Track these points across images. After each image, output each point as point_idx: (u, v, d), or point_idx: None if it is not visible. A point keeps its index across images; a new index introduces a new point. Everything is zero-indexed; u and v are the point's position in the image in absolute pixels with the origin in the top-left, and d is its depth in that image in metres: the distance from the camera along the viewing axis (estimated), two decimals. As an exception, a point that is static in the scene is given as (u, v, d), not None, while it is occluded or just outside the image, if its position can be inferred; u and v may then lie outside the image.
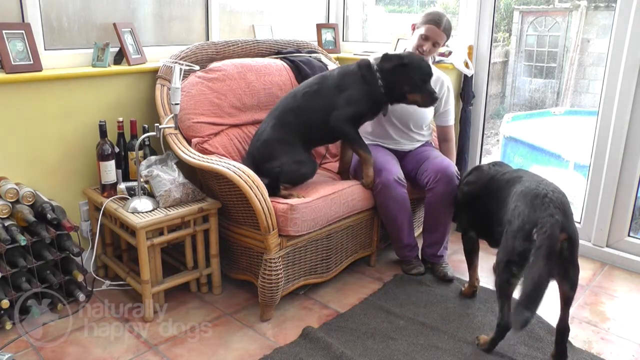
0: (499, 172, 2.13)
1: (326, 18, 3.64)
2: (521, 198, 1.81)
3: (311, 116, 2.32)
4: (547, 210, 1.70)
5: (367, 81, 2.31)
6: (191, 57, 2.53)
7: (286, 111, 2.35)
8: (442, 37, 2.45)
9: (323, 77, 2.41)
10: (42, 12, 2.30)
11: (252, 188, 2.05)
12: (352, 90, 2.30)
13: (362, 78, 2.32)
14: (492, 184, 2.10)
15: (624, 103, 2.55)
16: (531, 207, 1.74)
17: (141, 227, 2.04)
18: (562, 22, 5.10)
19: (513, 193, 1.89)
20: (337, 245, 2.41)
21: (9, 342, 1.97)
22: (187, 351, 1.97)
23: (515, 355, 1.94)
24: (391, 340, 2.02)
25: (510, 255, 1.77)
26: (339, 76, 2.36)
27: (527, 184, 1.87)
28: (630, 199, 2.66)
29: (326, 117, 2.30)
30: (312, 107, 2.32)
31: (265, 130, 2.34)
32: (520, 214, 1.76)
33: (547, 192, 1.77)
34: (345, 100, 2.29)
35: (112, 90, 2.46)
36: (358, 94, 2.30)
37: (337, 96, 2.31)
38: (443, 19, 2.43)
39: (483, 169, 2.25)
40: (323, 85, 2.36)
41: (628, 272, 2.65)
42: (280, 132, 2.30)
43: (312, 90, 2.35)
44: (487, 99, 3.12)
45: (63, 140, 2.34)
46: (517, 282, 1.79)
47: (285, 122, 2.32)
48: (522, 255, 1.72)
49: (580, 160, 4.57)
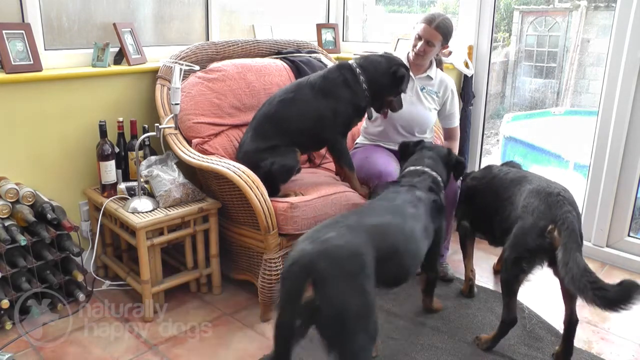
0: (502, 171, 2.15)
1: (326, 18, 3.64)
2: (533, 195, 1.82)
3: (290, 125, 2.27)
4: (564, 208, 1.73)
5: (350, 85, 2.27)
6: (191, 57, 2.53)
7: (262, 121, 2.31)
8: (435, 36, 2.41)
9: (299, 84, 2.36)
10: (42, 12, 2.30)
11: (252, 188, 2.05)
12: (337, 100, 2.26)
13: (344, 82, 2.27)
14: (494, 182, 2.12)
15: (624, 103, 2.55)
16: (546, 204, 1.76)
17: (141, 227, 2.04)
18: (562, 22, 5.11)
19: (521, 191, 1.89)
20: (337, 245, 2.40)
21: (9, 342, 1.97)
22: (187, 351, 1.97)
23: (515, 355, 1.94)
24: (391, 340, 2.02)
25: (521, 251, 1.77)
26: (320, 80, 2.30)
27: (536, 182, 1.89)
28: (630, 199, 2.66)
29: (307, 125, 2.26)
30: (290, 115, 2.28)
31: (245, 141, 2.32)
32: (535, 210, 1.77)
33: (559, 190, 1.80)
34: (330, 112, 2.25)
35: (112, 90, 2.46)
36: (344, 103, 2.26)
37: (319, 101, 2.26)
38: (437, 18, 2.41)
39: (492, 167, 2.27)
40: (300, 92, 2.30)
41: (628, 272, 2.65)
42: (259, 142, 2.26)
43: (289, 98, 2.30)
44: (487, 99, 3.12)
45: (63, 140, 2.34)
46: (524, 278, 1.80)
47: (261, 131, 2.28)
48: (534, 252, 1.74)
49: (580, 160, 4.57)
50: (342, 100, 2.26)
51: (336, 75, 2.29)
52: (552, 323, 2.13)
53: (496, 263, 2.62)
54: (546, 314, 2.15)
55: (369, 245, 1.48)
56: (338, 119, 2.27)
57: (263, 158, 2.21)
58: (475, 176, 2.30)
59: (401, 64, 2.31)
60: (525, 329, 2.09)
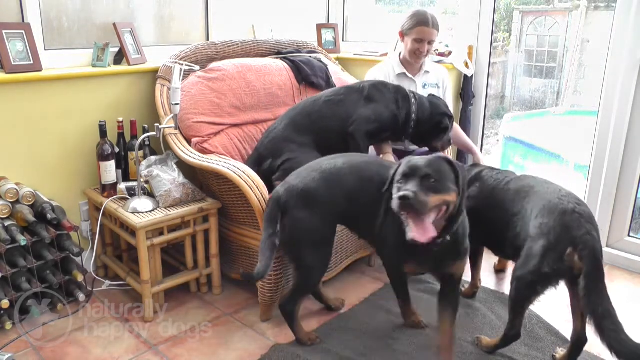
0: (499, 180, 2.02)
1: (326, 18, 3.64)
2: (547, 214, 1.69)
3: (329, 124, 2.29)
4: (583, 229, 1.62)
5: (400, 107, 2.30)
6: (191, 57, 2.53)
7: (303, 114, 2.32)
8: (434, 34, 2.46)
9: (350, 88, 2.39)
10: (42, 12, 2.31)
11: (252, 188, 2.05)
12: (382, 106, 2.28)
13: (395, 102, 2.31)
14: (496, 195, 1.98)
15: (624, 103, 2.55)
16: (562, 225, 1.64)
17: (141, 227, 2.04)
18: (562, 22, 5.10)
19: (532, 207, 1.77)
20: (337, 245, 2.40)
21: (9, 342, 1.97)
22: (187, 351, 1.97)
23: (515, 355, 1.94)
24: (391, 340, 2.02)
25: (537, 275, 1.66)
26: (370, 88, 2.32)
27: (547, 196, 1.75)
28: (630, 199, 2.66)
29: (345, 127, 2.28)
30: (332, 115, 2.29)
31: (277, 128, 2.32)
32: (551, 232, 1.65)
33: (574, 206, 1.67)
34: (372, 112, 2.27)
35: (112, 90, 2.46)
36: (387, 113, 2.28)
37: (363, 107, 2.28)
38: (429, 17, 2.43)
39: (484, 179, 2.09)
40: (349, 96, 2.33)
41: (628, 272, 2.65)
42: (291, 132, 2.28)
43: (337, 99, 2.32)
44: (487, 99, 3.12)
45: (63, 140, 2.34)
46: (536, 299, 1.73)
47: (299, 123, 2.29)
48: (550, 276, 1.65)
49: (580, 160, 4.56)
50: (385, 107, 2.29)
51: (392, 93, 2.33)
52: (552, 323, 2.13)
53: (497, 263, 2.62)
54: (546, 314, 2.15)
55: (323, 187, 1.85)
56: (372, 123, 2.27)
57: (290, 150, 2.22)
58: (471, 195, 2.04)
59: (447, 114, 2.37)
60: (526, 329, 2.08)
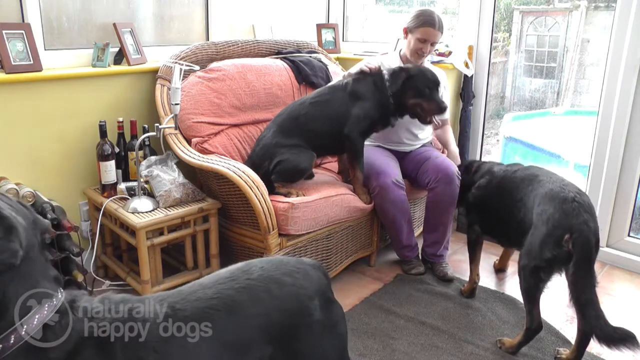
0: (508, 170, 2.13)
1: (326, 18, 3.64)
2: (547, 201, 1.77)
3: (318, 125, 2.30)
4: (580, 217, 1.68)
5: (378, 87, 2.31)
6: (191, 57, 2.53)
7: (290, 118, 2.34)
8: (438, 36, 2.45)
9: (333, 87, 2.41)
10: (42, 12, 2.30)
11: (252, 188, 2.05)
12: (365, 100, 2.30)
13: (373, 84, 2.32)
14: (504, 183, 2.08)
15: (624, 103, 2.55)
16: (562, 212, 1.71)
17: (141, 227, 2.04)
18: (562, 22, 5.10)
19: (535, 194, 1.85)
20: (337, 245, 2.41)
21: (9, 342, 1.97)
22: (187, 351, 1.97)
23: (515, 355, 1.94)
24: (391, 340, 2.02)
25: (539, 261, 1.74)
26: (352, 83, 2.35)
27: (549, 185, 1.83)
28: (630, 199, 2.66)
29: (335, 126, 2.29)
30: (320, 116, 2.31)
31: (266, 135, 2.34)
32: (550, 218, 1.73)
33: (574, 195, 1.74)
34: (360, 110, 2.29)
35: (112, 90, 2.46)
36: (370, 103, 2.30)
37: (350, 105, 2.30)
38: (436, 18, 2.42)
39: (494, 171, 2.23)
40: (334, 94, 2.34)
41: (628, 272, 2.65)
42: (281, 138, 2.29)
43: (323, 100, 2.34)
44: (487, 99, 3.12)
45: (63, 140, 2.34)
46: (544, 286, 1.78)
47: (287, 128, 2.31)
48: (551, 262, 1.71)
49: (580, 160, 4.56)
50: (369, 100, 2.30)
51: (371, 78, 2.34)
52: (552, 323, 2.13)
53: (496, 262, 2.62)
54: (546, 314, 2.15)
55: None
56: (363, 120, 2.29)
57: (281, 152, 2.24)
58: (481, 185, 2.24)
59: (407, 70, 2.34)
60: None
